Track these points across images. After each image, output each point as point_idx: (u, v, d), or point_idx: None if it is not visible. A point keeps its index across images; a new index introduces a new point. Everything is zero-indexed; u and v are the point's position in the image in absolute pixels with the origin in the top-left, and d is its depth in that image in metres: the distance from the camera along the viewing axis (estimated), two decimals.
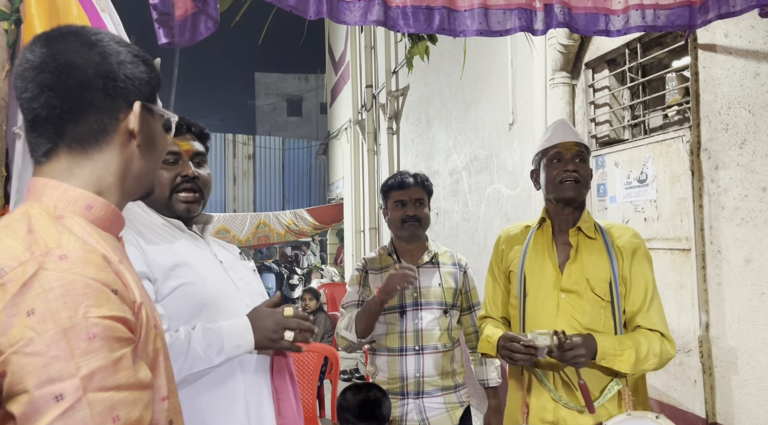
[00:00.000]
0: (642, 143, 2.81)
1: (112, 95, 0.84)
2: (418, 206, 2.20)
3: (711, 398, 2.42)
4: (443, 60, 5.22)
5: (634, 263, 1.74)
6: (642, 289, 1.73)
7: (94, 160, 0.84)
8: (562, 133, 1.79)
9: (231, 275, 1.44)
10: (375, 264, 2.29)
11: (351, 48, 8.86)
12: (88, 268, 0.72)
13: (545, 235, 1.83)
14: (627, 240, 1.77)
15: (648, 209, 2.78)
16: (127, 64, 0.85)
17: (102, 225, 0.84)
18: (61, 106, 0.81)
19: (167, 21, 1.40)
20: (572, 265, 1.74)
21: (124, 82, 0.85)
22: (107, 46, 0.85)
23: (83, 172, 0.84)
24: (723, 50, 2.36)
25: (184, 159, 1.44)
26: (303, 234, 10.86)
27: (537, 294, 1.77)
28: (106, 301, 0.72)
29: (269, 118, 22.06)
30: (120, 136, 0.85)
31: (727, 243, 2.36)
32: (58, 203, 0.81)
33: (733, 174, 2.32)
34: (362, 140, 8.19)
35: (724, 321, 2.37)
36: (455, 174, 5.17)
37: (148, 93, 0.88)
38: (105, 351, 0.69)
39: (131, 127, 0.85)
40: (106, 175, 0.85)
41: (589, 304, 1.71)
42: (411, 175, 2.26)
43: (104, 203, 0.84)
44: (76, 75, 0.82)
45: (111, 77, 0.84)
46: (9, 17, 1.34)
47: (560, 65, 3.33)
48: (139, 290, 0.82)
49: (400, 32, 1.60)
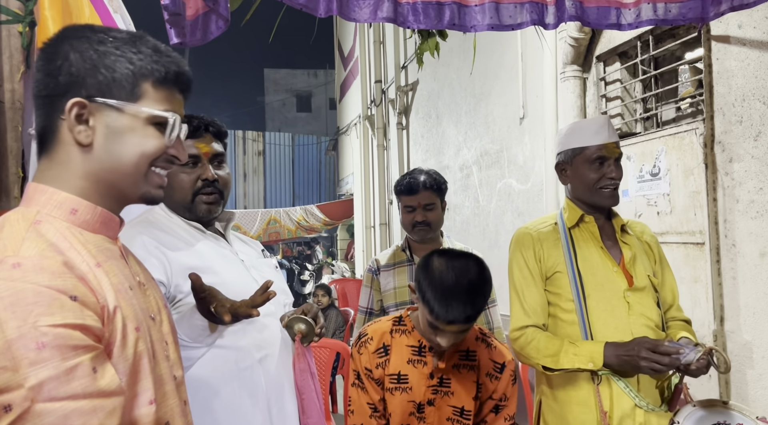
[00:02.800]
0: (654, 136, 2.78)
1: (57, 93, 0.82)
2: (428, 211, 2.19)
3: (726, 392, 2.40)
4: (453, 54, 5.20)
5: (661, 255, 1.80)
6: (672, 282, 1.79)
7: (56, 162, 0.84)
8: (607, 133, 1.66)
9: (253, 274, 1.45)
10: (388, 260, 2.29)
11: (360, 43, 8.84)
12: (42, 276, 0.71)
13: (590, 233, 1.73)
14: (650, 235, 1.82)
15: (661, 203, 2.75)
16: (80, 58, 0.81)
17: (91, 228, 0.84)
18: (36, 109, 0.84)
19: (178, 21, 1.40)
20: (635, 265, 1.72)
21: (68, 77, 0.81)
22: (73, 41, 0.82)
23: (50, 174, 0.83)
24: (737, 41, 2.33)
25: (203, 161, 1.44)
26: (313, 230, 10.89)
27: (602, 294, 1.67)
28: (59, 309, 0.70)
29: (279, 114, 22.09)
30: (65, 135, 0.83)
31: (741, 237, 2.34)
32: (43, 207, 0.81)
33: (748, 166, 2.30)
34: (372, 136, 8.18)
35: (739, 315, 2.35)
36: (465, 169, 5.15)
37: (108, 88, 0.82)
38: (56, 360, 0.67)
39: (68, 127, 0.82)
40: (72, 179, 0.83)
41: (652, 300, 1.71)
42: (422, 177, 2.19)
43: (89, 206, 0.83)
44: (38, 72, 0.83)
45: (54, 74, 0.82)
46: (23, 20, 1.35)
47: (571, 58, 3.31)
48: (118, 293, 0.80)
49: (410, 28, 1.60)
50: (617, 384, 1.64)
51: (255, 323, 1.41)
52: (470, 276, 1.44)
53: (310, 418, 1.44)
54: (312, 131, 20.50)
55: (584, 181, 1.69)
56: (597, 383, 1.65)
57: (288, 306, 1.56)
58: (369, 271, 2.32)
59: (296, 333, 1.46)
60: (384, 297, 2.25)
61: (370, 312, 2.29)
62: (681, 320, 1.77)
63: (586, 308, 1.67)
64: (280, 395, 1.41)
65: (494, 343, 1.66)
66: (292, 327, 1.46)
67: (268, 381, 1.39)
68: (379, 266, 2.29)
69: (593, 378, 1.65)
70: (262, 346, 1.40)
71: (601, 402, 1.63)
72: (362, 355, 1.62)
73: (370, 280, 2.30)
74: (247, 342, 1.38)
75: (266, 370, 1.39)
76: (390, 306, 2.23)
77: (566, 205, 1.80)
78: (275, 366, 1.41)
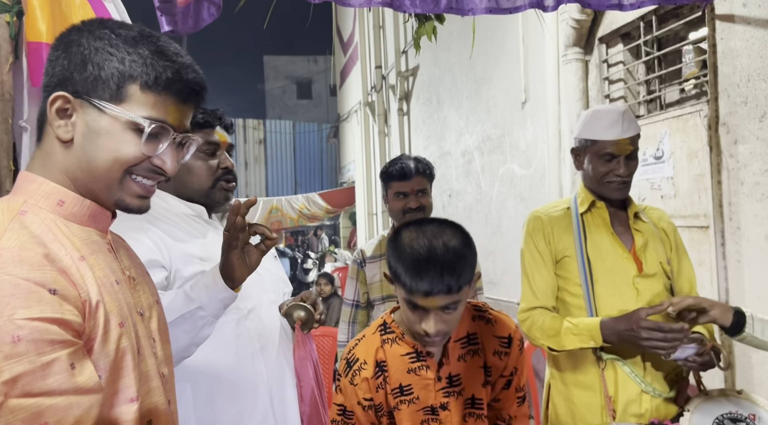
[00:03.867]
0: (658, 119, 2.74)
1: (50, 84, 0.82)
2: (421, 196, 2.12)
3: (731, 376, 2.39)
4: (453, 38, 5.14)
5: (678, 242, 1.76)
6: (689, 271, 1.75)
7: (44, 153, 0.83)
8: (621, 128, 1.62)
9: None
10: (373, 252, 2.22)
11: (359, 28, 8.75)
12: (20, 268, 0.69)
13: (601, 218, 1.72)
14: (667, 221, 1.79)
15: (665, 186, 2.72)
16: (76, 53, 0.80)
17: (78, 221, 0.82)
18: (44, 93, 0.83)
19: (170, 9, 1.37)
20: (646, 251, 1.70)
21: (61, 71, 0.80)
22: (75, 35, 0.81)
23: (38, 163, 0.83)
24: (742, 21, 2.28)
25: (222, 150, 1.50)
26: (315, 218, 10.88)
27: (610, 280, 1.67)
28: (37, 302, 0.68)
29: (279, 102, 21.99)
30: (49, 127, 0.82)
31: (746, 220, 2.31)
32: (30, 197, 0.79)
33: (753, 148, 2.26)
34: (372, 122, 8.13)
35: (744, 299, 2.33)
36: (467, 154, 5.12)
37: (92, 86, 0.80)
38: (32, 354, 0.66)
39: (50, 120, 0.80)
40: (55, 172, 0.81)
41: (663, 287, 1.69)
42: (413, 162, 2.14)
43: (77, 198, 0.81)
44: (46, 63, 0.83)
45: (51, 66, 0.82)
46: (11, 9, 1.32)
47: (573, 41, 3.25)
48: (102, 287, 0.78)
49: (407, 13, 1.57)
50: (622, 369, 1.63)
51: (255, 312, 1.40)
52: (445, 239, 1.22)
53: (307, 406, 1.44)
54: (313, 118, 20.42)
55: (593, 173, 1.69)
56: (602, 368, 1.64)
57: (287, 294, 1.55)
58: (354, 262, 2.26)
59: (296, 320, 1.46)
60: (370, 290, 2.19)
61: (357, 305, 2.23)
62: None
63: (593, 293, 1.67)
64: (282, 383, 1.42)
65: (493, 316, 1.42)
66: (292, 314, 1.46)
67: (269, 370, 1.39)
68: (364, 257, 2.21)
69: (598, 363, 1.65)
70: (263, 335, 1.41)
71: (606, 386, 1.63)
72: (358, 386, 1.34)
73: (355, 272, 2.24)
74: (248, 331, 1.37)
75: (267, 359, 1.39)
76: (376, 298, 2.17)
77: (580, 190, 1.80)
78: (275, 354, 1.42)
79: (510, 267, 4.30)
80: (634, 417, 1.63)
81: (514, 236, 4.23)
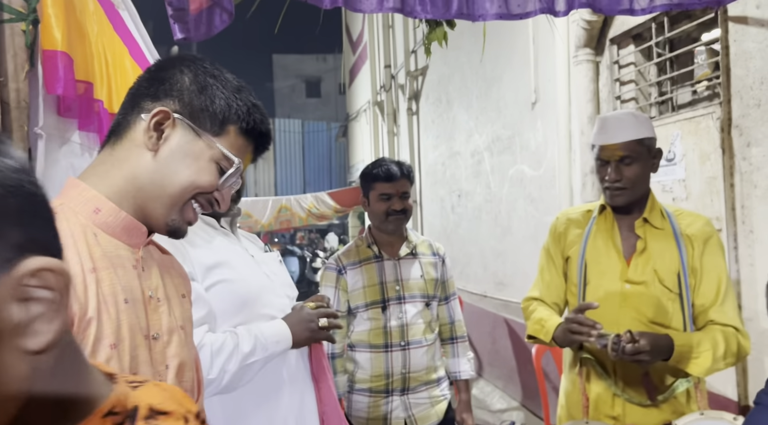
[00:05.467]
0: (670, 121, 2.72)
1: (151, 95, 0.86)
2: (405, 199, 2.09)
3: (743, 381, 2.38)
4: (463, 38, 5.12)
5: (706, 253, 1.62)
6: (715, 281, 1.61)
7: (113, 156, 0.85)
8: (605, 134, 1.63)
9: (263, 269, 1.46)
10: (352, 257, 2.15)
11: (368, 28, 8.76)
12: None
13: (607, 222, 1.72)
14: (698, 229, 1.65)
15: (677, 189, 2.71)
16: (190, 79, 0.87)
17: (110, 232, 0.82)
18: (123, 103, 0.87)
19: (182, 16, 1.38)
20: (639, 257, 1.65)
21: (170, 88, 0.86)
22: (190, 64, 0.88)
23: (101, 170, 0.84)
24: (755, 22, 2.27)
25: None
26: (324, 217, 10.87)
27: (600, 283, 1.68)
28: None
29: (288, 100, 22.02)
30: (138, 133, 0.85)
31: (759, 223, 2.29)
32: (70, 201, 0.81)
33: (766, 151, 2.24)
34: (381, 121, 8.13)
35: (757, 303, 2.32)
36: (477, 155, 5.11)
37: (200, 112, 0.86)
38: None
39: (145, 128, 0.84)
40: (116, 177, 0.84)
41: (657, 297, 1.61)
42: (396, 165, 2.11)
43: (114, 209, 0.82)
44: (146, 73, 0.88)
45: (159, 81, 0.86)
46: (26, 18, 1.34)
47: (584, 42, 3.24)
48: (103, 304, 0.77)
49: (418, 18, 1.57)
50: (594, 369, 1.69)
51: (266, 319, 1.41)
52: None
53: (327, 406, 1.46)
54: (322, 117, 20.43)
55: (598, 177, 1.71)
56: (578, 366, 1.72)
57: (293, 300, 1.56)
58: (331, 270, 2.15)
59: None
60: (351, 298, 2.10)
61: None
62: (721, 324, 1.59)
63: (584, 294, 1.71)
64: (302, 387, 1.44)
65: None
66: None
67: (289, 374, 1.41)
68: (344, 264, 2.13)
69: (579, 362, 1.73)
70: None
71: (584, 385, 1.69)
72: None
73: (334, 280, 2.13)
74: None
75: (288, 364, 1.41)
76: (359, 306, 2.09)
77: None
78: (295, 358, 1.43)
79: (520, 268, 4.29)
80: (608, 418, 1.66)
81: (523, 237, 4.22)
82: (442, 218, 6.17)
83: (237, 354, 1.26)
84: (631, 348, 1.44)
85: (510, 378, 4.50)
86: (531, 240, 4.06)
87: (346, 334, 2.13)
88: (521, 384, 4.30)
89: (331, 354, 2.08)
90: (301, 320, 1.40)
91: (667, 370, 1.60)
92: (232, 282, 1.33)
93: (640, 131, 1.63)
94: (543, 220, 3.86)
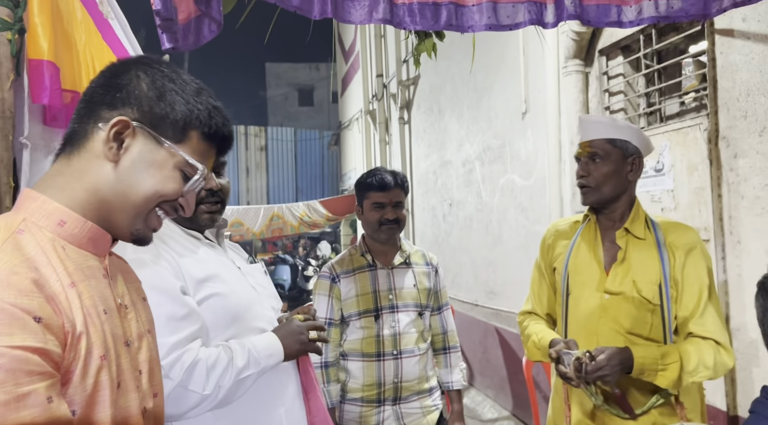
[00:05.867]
0: (658, 131, 2.75)
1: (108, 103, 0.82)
2: (398, 209, 2.10)
3: (732, 391, 2.38)
4: (454, 48, 5.15)
5: (687, 264, 1.60)
6: (696, 292, 1.58)
7: (72, 168, 0.82)
8: (581, 132, 1.68)
9: (250, 281, 1.46)
10: (345, 266, 2.14)
11: (360, 37, 8.79)
12: (7, 292, 0.67)
13: (590, 232, 1.73)
14: (682, 240, 1.62)
15: (665, 199, 2.72)
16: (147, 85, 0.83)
17: (77, 243, 0.81)
18: (76, 112, 0.83)
19: (170, 26, 1.38)
20: (618, 267, 1.64)
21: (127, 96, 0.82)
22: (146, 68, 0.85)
23: (61, 180, 0.81)
24: (741, 35, 2.29)
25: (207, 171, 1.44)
26: (316, 225, 10.86)
27: (581, 293, 1.68)
28: (20, 329, 0.66)
29: (281, 109, 22.02)
30: (96, 144, 0.81)
31: (747, 234, 2.31)
32: (31, 215, 0.78)
33: (753, 162, 2.26)
34: (373, 130, 8.15)
35: (745, 313, 2.33)
36: (468, 164, 5.12)
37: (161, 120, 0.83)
38: (9, 384, 0.64)
39: (103, 138, 0.81)
40: (78, 190, 0.81)
41: (635, 308, 1.60)
42: (390, 175, 2.12)
43: (79, 220, 0.80)
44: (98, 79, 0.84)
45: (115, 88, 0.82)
46: (12, 27, 1.32)
47: (573, 53, 3.27)
48: (88, 317, 0.76)
49: (407, 30, 1.57)
50: None
51: (257, 332, 1.40)
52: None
53: (316, 417, 1.45)
54: (315, 125, 20.43)
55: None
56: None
57: (278, 311, 1.55)
58: (325, 279, 2.15)
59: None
60: (345, 306, 2.09)
61: (330, 323, 2.10)
62: (700, 336, 1.57)
63: (567, 305, 1.72)
64: (292, 399, 1.43)
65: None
66: None
67: (280, 386, 1.40)
68: (337, 272, 2.13)
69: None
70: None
71: (567, 394, 1.70)
72: None
73: (328, 288, 2.12)
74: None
75: (278, 377, 1.40)
76: (352, 314, 2.08)
77: None
78: (285, 370, 1.43)
79: (511, 277, 4.29)
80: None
81: (514, 246, 4.23)
82: (434, 227, 6.18)
83: (231, 369, 1.25)
84: (591, 367, 1.45)
85: (501, 388, 4.49)
86: (522, 249, 4.07)
87: (339, 343, 2.12)
88: (512, 393, 4.29)
89: (325, 362, 2.08)
90: (291, 332, 1.39)
91: (644, 384, 1.58)
92: (224, 296, 1.33)
93: (615, 132, 1.64)
94: (533, 230, 3.87)
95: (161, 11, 1.34)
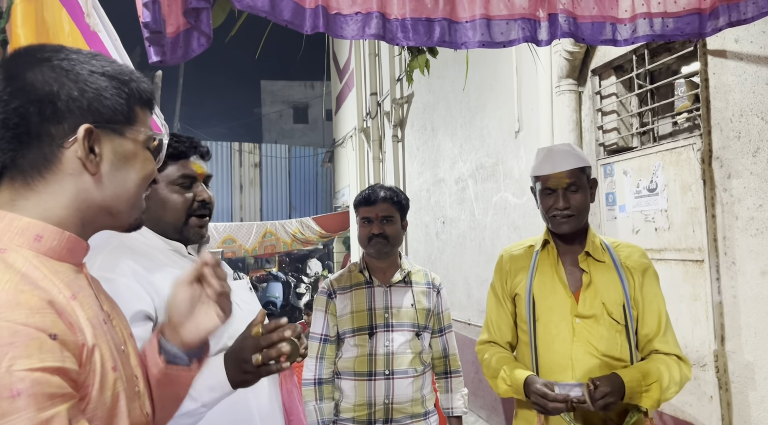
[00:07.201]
0: (651, 151, 2.74)
1: (51, 120, 0.75)
2: (386, 223, 2.05)
3: (728, 414, 2.34)
4: (448, 67, 5.17)
5: (645, 284, 1.68)
6: (656, 312, 1.66)
7: (38, 192, 0.76)
8: (551, 164, 1.67)
9: (234, 298, 1.40)
10: (344, 282, 2.11)
11: (355, 55, 8.83)
12: (18, 312, 0.64)
13: (551, 257, 1.74)
14: (636, 261, 1.70)
15: (659, 219, 2.71)
16: (76, 82, 0.76)
17: (56, 256, 0.77)
18: (10, 132, 0.74)
19: (158, 39, 1.35)
20: (586, 291, 1.66)
21: (67, 103, 0.75)
22: (55, 64, 0.76)
23: (27, 204, 0.76)
24: (734, 56, 2.30)
25: (198, 182, 1.42)
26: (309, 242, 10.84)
27: (550, 319, 1.68)
28: (37, 350, 0.63)
29: (275, 126, 22.07)
30: (68, 164, 0.76)
31: (741, 255, 2.29)
32: (3, 235, 0.73)
33: (747, 183, 2.25)
34: (367, 148, 8.14)
35: (740, 335, 2.30)
36: (461, 182, 5.11)
37: (111, 112, 0.78)
38: (31, 410, 0.61)
39: (78, 155, 0.76)
40: (55, 208, 0.77)
41: (606, 329, 1.63)
42: (383, 189, 2.09)
43: (56, 231, 0.76)
44: (15, 98, 0.74)
45: (48, 100, 0.74)
46: None
47: (566, 72, 3.27)
48: (95, 329, 0.74)
49: (400, 45, 1.56)
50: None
51: None
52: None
53: None
54: (309, 143, 20.47)
55: (542, 208, 1.72)
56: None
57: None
58: (322, 294, 2.12)
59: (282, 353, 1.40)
60: (340, 323, 2.06)
61: (325, 339, 2.07)
62: (664, 353, 1.64)
63: (535, 331, 1.71)
64: (273, 420, 1.38)
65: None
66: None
67: (260, 408, 1.35)
68: (334, 288, 2.10)
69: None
70: None
71: (540, 422, 1.67)
72: None
73: (324, 304, 2.09)
74: None
75: (259, 397, 1.35)
76: (346, 331, 2.04)
77: (544, 227, 1.82)
78: (266, 392, 1.38)
79: None
80: None
81: None
82: (427, 244, 6.14)
83: None
84: (599, 393, 1.46)
85: (494, 409, 4.42)
86: None
87: (334, 360, 2.08)
88: (505, 415, 4.22)
89: (318, 379, 2.04)
90: (236, 360, 1.13)
91: (620, 405, 1.59)
92: None
93: (582, 160, 1.70)
94: None
95: (150, 24, 1.32)
